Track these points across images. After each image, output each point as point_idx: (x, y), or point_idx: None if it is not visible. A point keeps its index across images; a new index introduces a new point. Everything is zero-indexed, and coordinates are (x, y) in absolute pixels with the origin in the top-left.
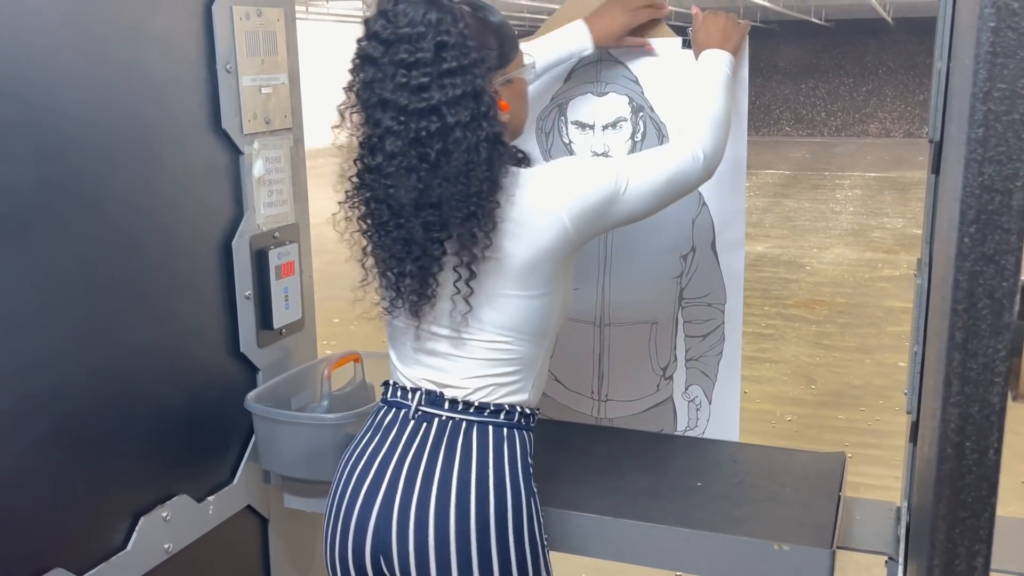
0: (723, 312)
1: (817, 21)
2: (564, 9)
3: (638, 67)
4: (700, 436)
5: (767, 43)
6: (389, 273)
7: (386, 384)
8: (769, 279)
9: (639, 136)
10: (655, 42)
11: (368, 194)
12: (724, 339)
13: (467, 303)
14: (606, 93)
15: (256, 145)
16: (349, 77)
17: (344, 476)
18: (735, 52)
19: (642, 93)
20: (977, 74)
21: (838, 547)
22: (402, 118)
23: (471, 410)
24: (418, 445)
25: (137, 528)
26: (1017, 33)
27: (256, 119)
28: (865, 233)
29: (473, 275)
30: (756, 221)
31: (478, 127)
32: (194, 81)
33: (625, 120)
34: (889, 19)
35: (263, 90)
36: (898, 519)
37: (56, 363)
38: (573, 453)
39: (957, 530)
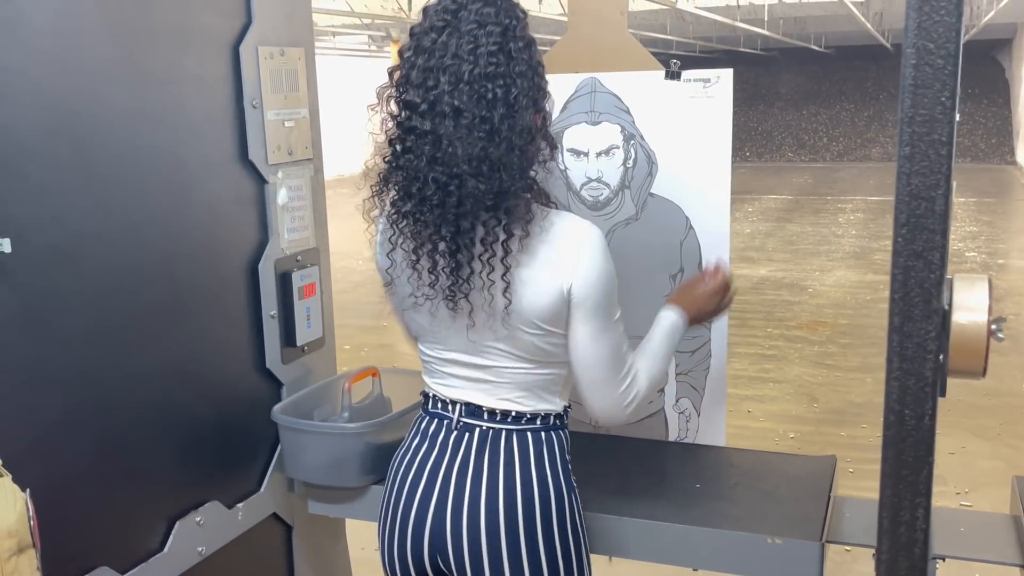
0: (710, 329)
1: (817, 48)
2: (561, 46)
3: (629, 98)
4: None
5: (768, 70)
6: (426, 255)
7: (425, 395)
8: (772, 301)
9: (630, 162)
10: (640, 74)
11: (414, 163)
12: (711, 355)
13: (506, 297)
14: (599, 122)
15: (280, 175)
16: (408, 49)
17: (397, 481)
18: (695, 322)
19: (633, 123)
20: (903, 102)
21: (827, 541)
22: (466, 78)
23: (509, 419)
24: (463, 452)
25: (173, 531)
26: (933, 68)
27: (280, 150)
28: (867, 256)
29: (508, 252)
30: (759, 245)
31: (536, 104)
32: (223, 116)
33: (617, 147)
34: (888, 45)
35: (286, 123)
36: None
37: (101, 377)
38: (578, 458)
39: (901, 486)
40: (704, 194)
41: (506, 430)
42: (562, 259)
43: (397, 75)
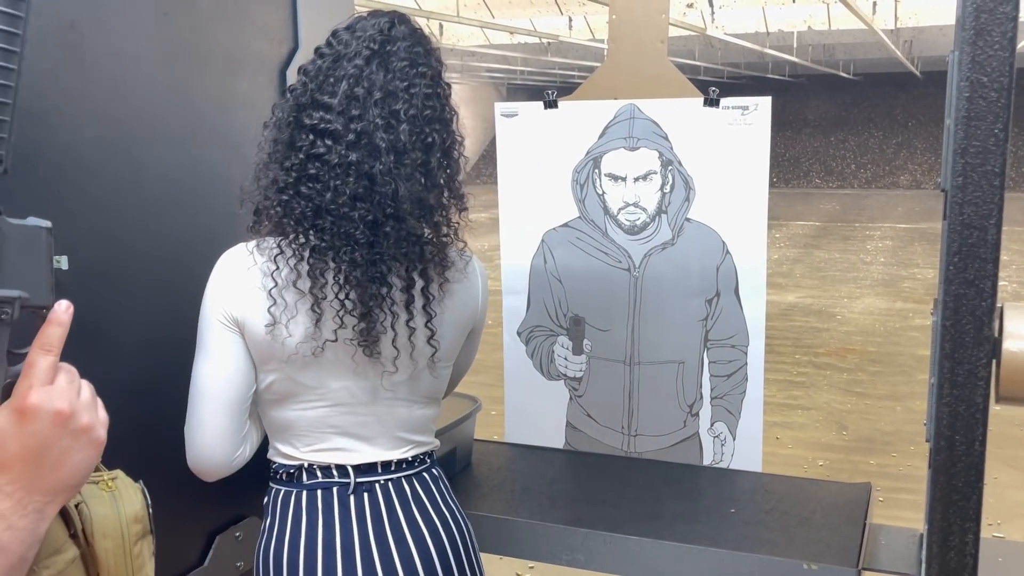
0: (746, 354)
1: (845, 75)
2: (600, 73)
3: (667, 124)
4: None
5: (796, 97)
6: (333, 297)
7: (287, 469)
8: (800, 328)
9: (668, 187)
10: (679, 101)
11: (325, 196)
12: (747, 379)
13: (431, 345)
14: (638, 148)
15: None
16: (316, 70)
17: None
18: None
19: (671, 148)
20: (956, 134)
21: (864, 568)
22: (403, 117)
23: (404, 466)
24: (371, 516)
25: (213, 546)
26: (987, 101)
27: None
28: (896, 283)
29: (432, 298)
30: (787, 271)
31: (460, 153)
32: None
33: (655, 173)
34: (917, 72)
35: None
36: (920, 543)
37: (148, 392)
38: (614, 481)
39: (951, 511)
40: (741, 219)
41: (404, 477)
42: (471, 298)
43: (298, 93)
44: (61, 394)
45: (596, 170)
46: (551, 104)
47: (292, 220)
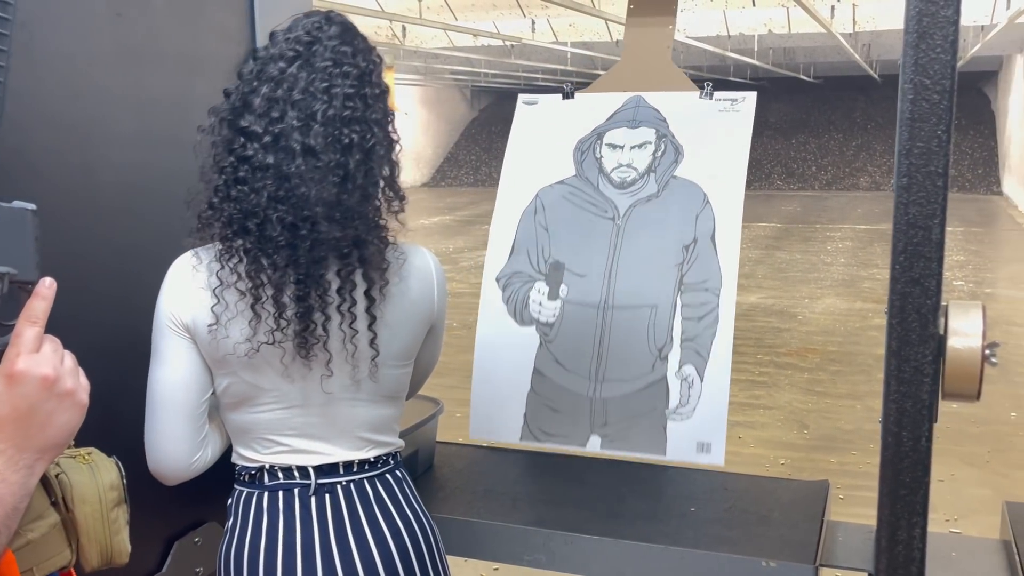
0: (718, 296)
1: (806, 78)
2: (613, 72)
3: (667, 110)
4: (691, 412)
5: (758, 100)
6: (270, 299)
7: (249, 471)
8: (762, 328)
9: (660, 152)
10: (679, 94)
11: (250, 198)
12: (718, 321)
13: (373, 348)
14: (639, 126)
15: None
16: (249, 72)
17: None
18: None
19: (668, 127)
20: (900, 135)
21: (821, 564)
22: (319, 118)
23: (367, 467)
24: (332, 518)
25: (172, 552)
26: (930, 103)
27: None
28: (855, 284)
29: (372, 302)
30: (749, 272)
31: (389, 154)
32: None
33: (650, 143)
34: (876, 76)
35: None
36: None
37: (104, 396)
38: (575, 482)
39: (898, 505)
40: (723, 177)
41: (367, 479)
42: (424, 295)
43: (233, 97)
44: (47, 360)
45: (598, 141)
46: (568, 95)
47: (226, 223)
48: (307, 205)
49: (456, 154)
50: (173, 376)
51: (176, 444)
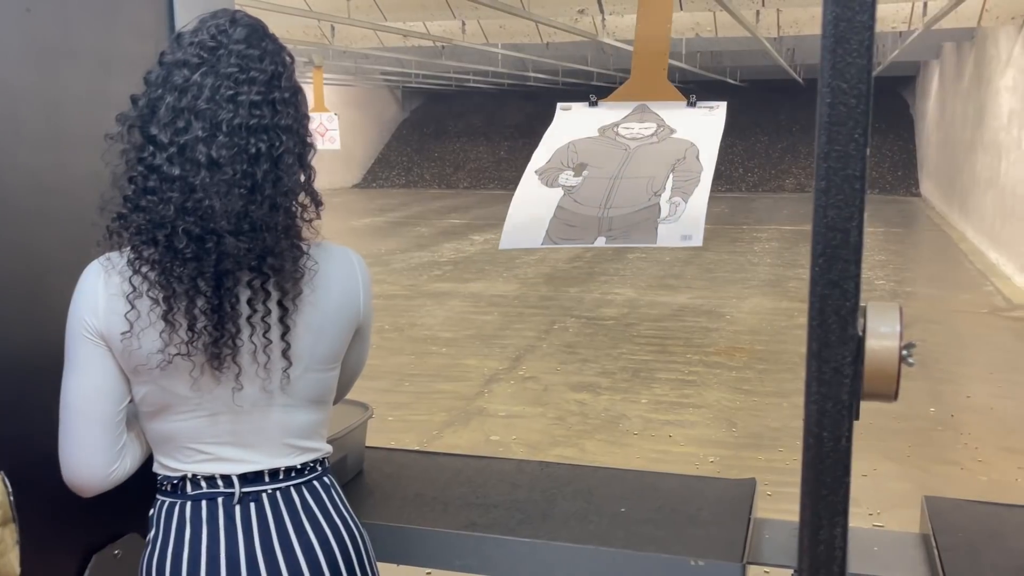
0: (700, 174)
1: (732, 82)
2: (621, 91)
3: (664, 114)
4: (677, 219)
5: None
6: (182, 309)
7: (171, 481)
8: (691, 328)
9: (660, 130)
10: (673, 103)
11: (158, 208)
12: (700, 182)
13: (286, 358)
14: (645, 120)
15: None
16: (156, 78)
17: None
18: None
19: (665, 122)
20: (819, 139)
21: (748, 562)
22: (224, 128)
23: (293, 474)
24: (258, 527)
25: (89, 565)
26: (847, 107)
27: None
28: (781, 283)
29: (286, 312)
30: (678, 273)
31: (302, 160)
32: None
33: (653, 127)
34: (800, 80)
35: None
36: None
37: (17, 410)
38: (505, 484)
39: (820, 506)
40: (705, 139)
41: (294, 486)
42: (350, 297)
43: (141, 103)
44: None
45: (615, 128)
46: (593, 104)
47: (135, 233)
48: (213, 218)
49: (387, 155)
50: (88, 384)
51: (92, 454)
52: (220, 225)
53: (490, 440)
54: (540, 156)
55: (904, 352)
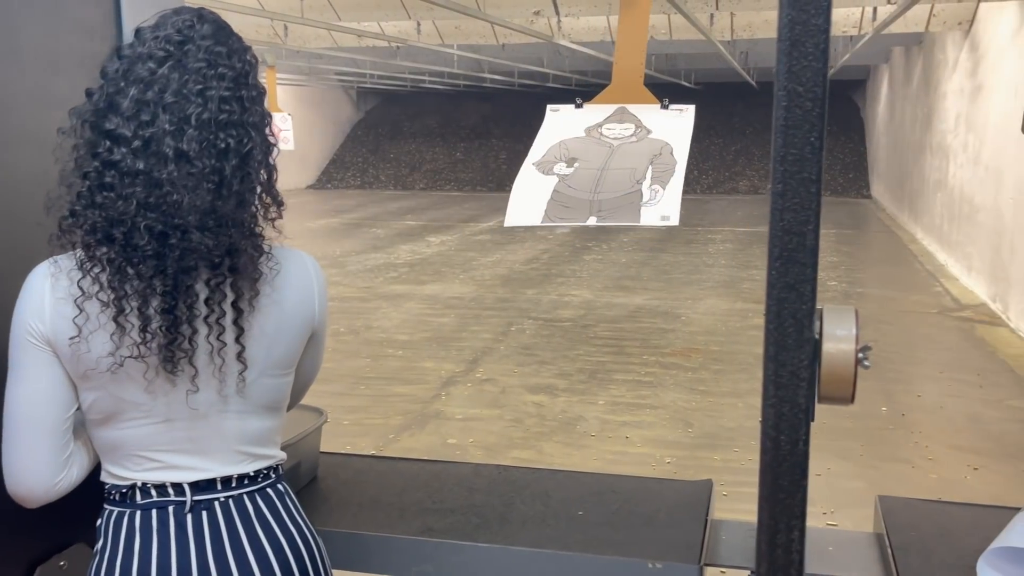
0: (676, 163)
1: (687, 84)
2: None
3: (641, 116)
4: (657, 203)
5: None
6: (135, 310)
7: (120, 489)
8: (647, 329)
9: (639, 131)
10: (644, 107)
11: (117, 205)
12: (675, 172)
13: (241, 361)
14: (624, 122)
15: None
16: (114, 72)
17: None
18: None
19: (643, 123)
20: (775, 142)
21: (705, 564)
22: (193, 122)
23: (246, 481)
24: (209, 535)
25: None
26: (803, 110)
27: None
28: (736, 284)
29: (241, 313)
30: (635, 274)
31: (266, 158)
32: None
33: (631, 128)
34: (753, 83)
35: None
36: None
37: None
38: (462, 488)
39: (777, 509)
40: (677, 139)
41: (247, 494)
42: (304, 301)
43: (97, 97)
44: None
45: (598, 129)
46: (579, 106)
47: (89, 230)
48: (179, 213)
49: (342, 156)
50: (33, 392)
51: (38, 464)
52: (187, 220)
53: (447, 443)
54: (536, 151)
55: (860, 355)
